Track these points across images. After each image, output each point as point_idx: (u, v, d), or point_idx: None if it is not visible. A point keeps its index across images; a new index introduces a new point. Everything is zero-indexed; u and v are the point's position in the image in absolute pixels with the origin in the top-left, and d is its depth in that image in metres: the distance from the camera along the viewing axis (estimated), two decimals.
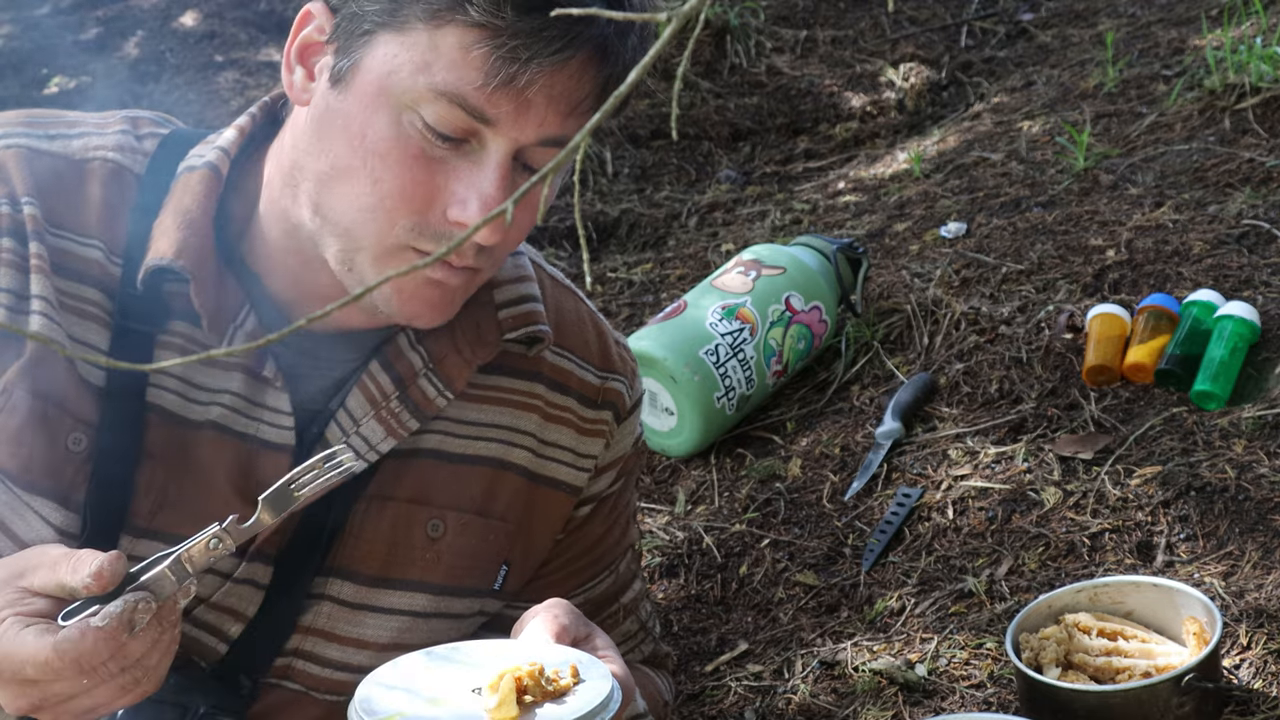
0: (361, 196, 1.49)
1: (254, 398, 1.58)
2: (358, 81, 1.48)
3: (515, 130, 1.46)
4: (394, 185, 1.47)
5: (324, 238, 1.53)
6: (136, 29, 5.80)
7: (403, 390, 1.61)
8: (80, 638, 1.30)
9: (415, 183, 1.47)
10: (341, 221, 1.51)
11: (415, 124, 1.46)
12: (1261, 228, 2.88)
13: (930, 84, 4.32)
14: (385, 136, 1.47)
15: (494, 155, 1.47)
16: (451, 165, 1.48)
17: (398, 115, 1.47)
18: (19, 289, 1.53)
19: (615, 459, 1.78)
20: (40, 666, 1.30)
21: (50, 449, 1.53)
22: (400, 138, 1.47)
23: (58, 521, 1.53)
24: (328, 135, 1.50)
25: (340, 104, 1.49)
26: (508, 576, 1.71)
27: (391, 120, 1.47)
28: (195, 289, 1.54)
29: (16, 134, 1.59)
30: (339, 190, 1.50)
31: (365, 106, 1.48)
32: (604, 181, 4.06)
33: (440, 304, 1.54)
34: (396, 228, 1.49)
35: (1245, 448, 2.38)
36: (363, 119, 1.48)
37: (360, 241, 1.51)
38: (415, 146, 1.47)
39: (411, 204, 1.48)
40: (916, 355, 2.85)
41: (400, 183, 1.47)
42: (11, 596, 1.34)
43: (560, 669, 1.39)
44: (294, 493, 1.38)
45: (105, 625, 1.30)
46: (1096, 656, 1.99)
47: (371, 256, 1.51)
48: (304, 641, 1.63)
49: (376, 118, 1.47)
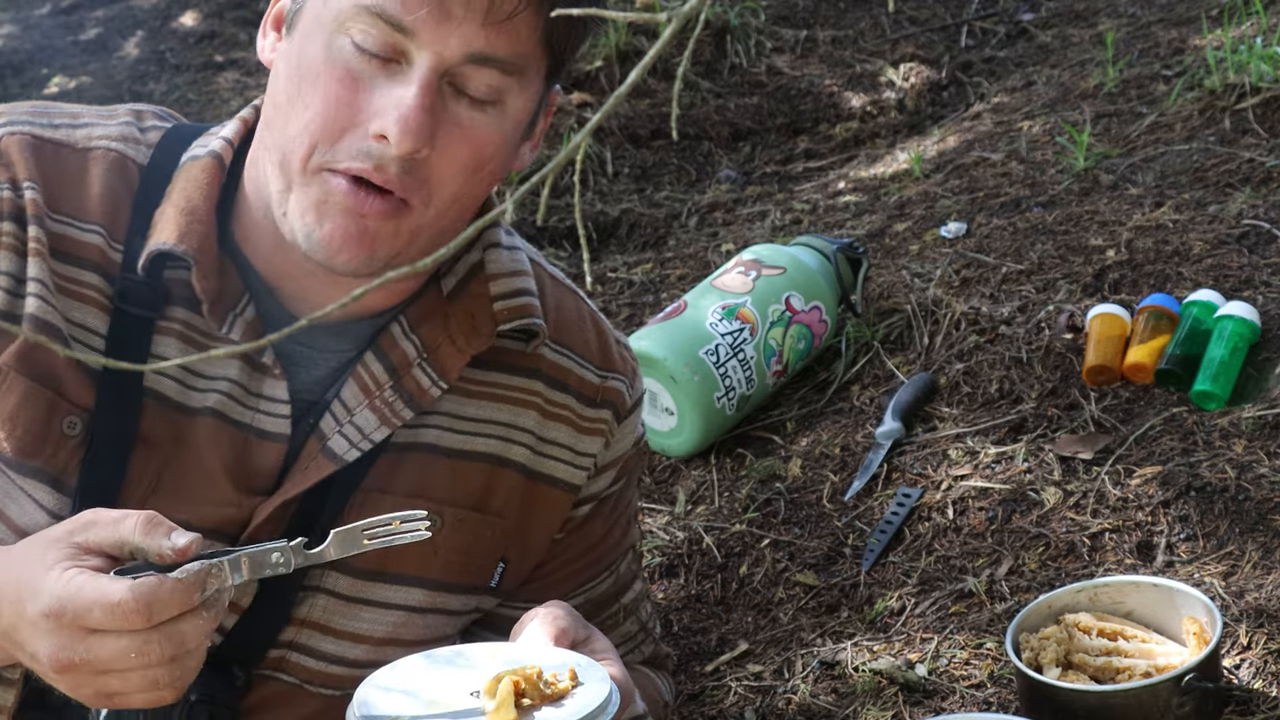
0: (292, 124, 1.51)
1: (252, 386, 1.59)
2: (302, 21, 1.53)
3: (437, 42, 1.47)
4: (319, 106, 1.49)
5: (271, 186, 1.54)
6: (136, 29, 5.81)
7: (396, 380, 1.62)
8: (159, 584, 1.31)
9: (339, 102, 1.49)
10: (277, 156, 1.53)
11: (345, 47, 1.49)
12: (1261, 228, 2.88)
13: (930, 84, 4.32)
14: (317, 60, 1.50)
15: (418, 70, 1.48)
16: (378, 84, 1.49)
17: (330, 39, 1.50)
18: (17, 272, 1.55)
19: (615, 458, 1.77)
20: (110, 608, 1.30)
21: (44, 432, 1.53)
22: (329, 60, 1.50)
23: (50, 504, 1.53)
24: (277, 81, 1.55)
25: (289, 47, 1.54)
26: (504, 573, 1.71)
27: (324, 44, 1.50)
28: (197, 274, 1.55)
29: (21, 121, 1.61)
30: (278, 125, 1.53)
31: (304, 38, 1.52)
32: (604, 181, 4.06)
33: (359, 240, 1.52)
34: (317, 151, 1.50)
35: (1245, 448, 2.38)
36: (299, 50, 1.52)
37: (290, 175, 1.52)
38: (341, 68, 1.49)
39: (335, 123, 1.49)
40: (916, 355, 2.85)
41: (324, 102, 1.49)
42: (68, 551, 1.35)
43: (559, 672, 1.39)
44: (363, 538, 1.41)
45: (184, 578, 1.32)
46: (1096, 656, 1.98)
47: (300, 192, 1.51)
48: (299, 634, 1.63)
49: (311, 45, 1.51)
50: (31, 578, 1.33)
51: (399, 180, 1.50)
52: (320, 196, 1.51)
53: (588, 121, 1.22)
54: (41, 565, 1.33)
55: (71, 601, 1.31)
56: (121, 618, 1.30)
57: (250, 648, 1.61)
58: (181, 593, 1.32)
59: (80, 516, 1.38)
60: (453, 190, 1.54)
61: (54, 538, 1.36)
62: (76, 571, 1.32)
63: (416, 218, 1.53)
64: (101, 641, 1.31)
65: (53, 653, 1.32)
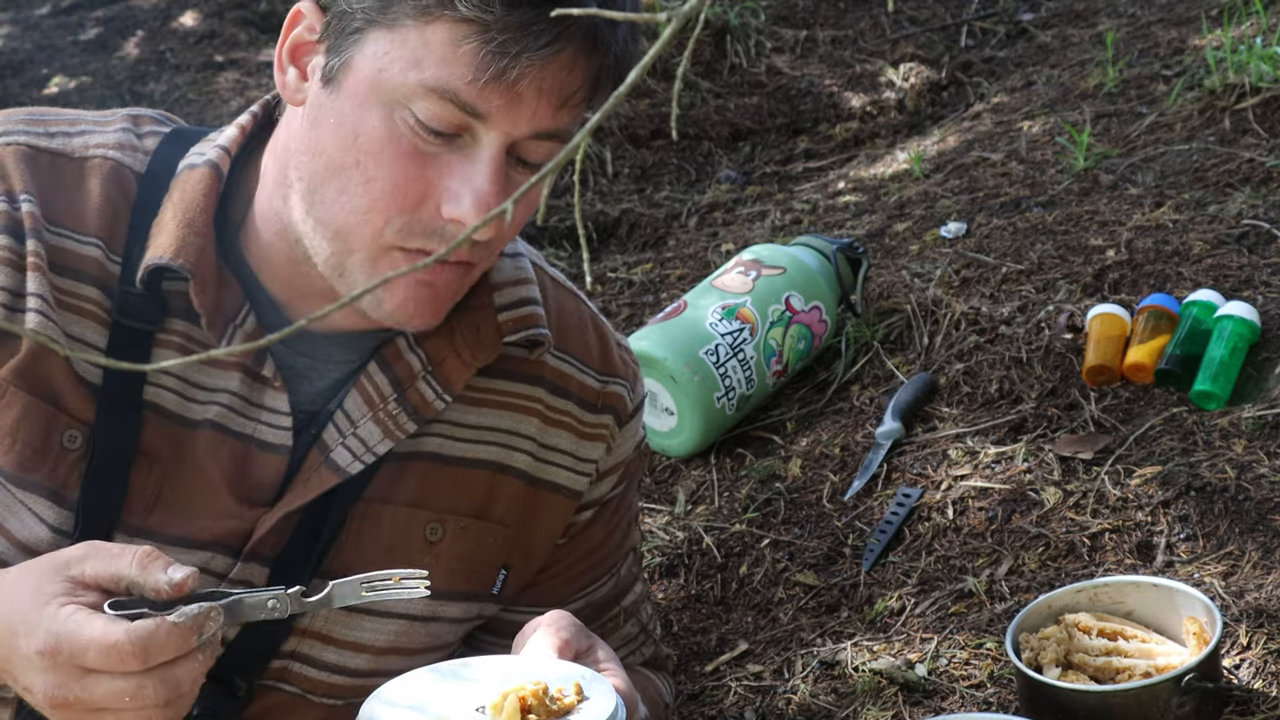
0: (355, 197, 1.48)
1: (253, 398, 1.58)
2: (349, 80, 1.48)
3: (507, 124, 1.46)
4: (387, 183, 1.47)
5: (315, 240, 1.52)
6: (136, 29, 5.80)
7: (400, 392, 1.61)
8: (156, 627, 1.30)
9: (409, 180, 1.47)
10: (334, 223, 1.50)
11: (408, 121, 1.46)
12: (1261, 228, 2.88)
13: (930, 84, 4.32)
14: (378, 134, 1.46)
15: (487, 150, 1.46)
16: (444, 161, 1.47)
17: (390, 113, 1.46)
18: (15, 287, 1.53)
19: (617, 463, 1.77)
20: (106, 650, 1.29)
21: (44, 446, 1.52)
22: (393, 135, 1.46)
23: (51, 519, 1.53)
24: (320, 136, 1.50)
25: (332, 103, 1.49)
26: (506, 580, 1.70)
27: (384, 118, 1.46)
28: (195, 288, 1.53)
29: (16, 131, 1.59)
30: (331, 190, 1.49)
31: (357, 105, 1.47)
32: (604, 181, 4.06)
33: (430, 305, 1.53)
34: (388, 227, 1.48)
35: (1245, 448, 2.38)
36: (355, 118, 1.47)
37: (352, 244, 1.50)
38: (408, 144, 1.46)
39: (405, 201, 1.47)
40: (916, 355, 2.85)
41: (393, 180, 1.47)
42: (64, 585, 1.33)
43: (564, 687, 1.39)
44: (362, 589, 1.41)
45: (181, 622, 1.31)
46: (1096, 656, 1.98)
47: (363, 259, 1.50)
48: (301, 644, 1.62)
49: (369, 116, 1.47)
50: (26, 612, 1.32)
51: (470, 253, 1.52)
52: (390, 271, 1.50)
53: (588, 121, 1.22)
54: (37, 599, 1.32)
55: (68, 641, 1.30)
56: (118, 660, 1.29)
57: (252, 658, 1.61)
58: (178, 636, 1.31)
59: (77, 547, 1.37)
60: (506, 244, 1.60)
61: (49, 568, 1.35)
62: (74, 609, 1.31)
63: (480, 269, 1.57)
64: (97, 681, 1.30)
65: (47, 690, 1.31)
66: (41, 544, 1.53)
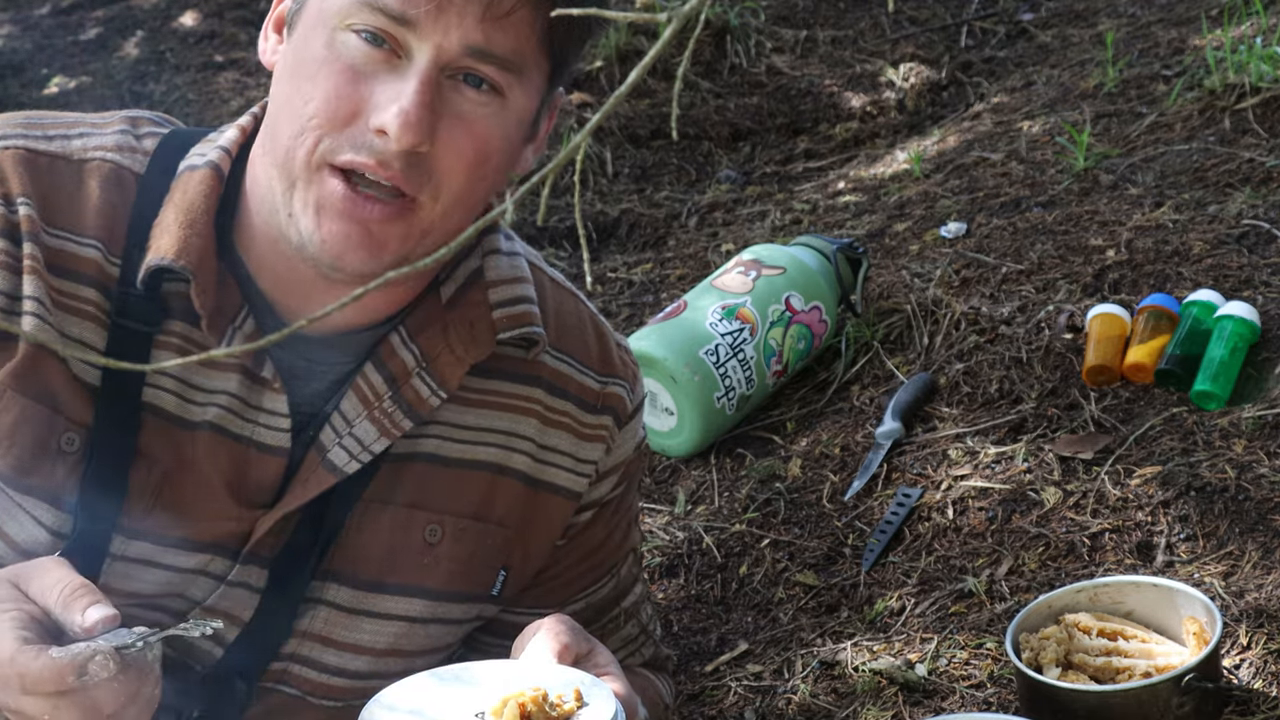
0: (293, 121, 1.50)
1: (251, 399, 1.57)
2: (302, 20, 1.53)
3: (437, 33, 1.47)
4: (320, 101, 1.49)
5: (271, 191, 1.53)
6: (136, 29, 5.80)
7: (395, 390, 1.60)
8: (35, 657, 1.33)
9: (339, 96, 1.49)
10: (278, 155, 1.52)
11: (347, 42, 1.49)
12: (1261, 228, 2.88)
13: (930, 84, 4.32)
14: (317, 57, 1.50)
15: (417, 63, 1.48)
16: (379, 78, 1.49)
17: (331, 36, 1.50)
18: (12, 291, 1.53)
19: (617, 464, 1.76)
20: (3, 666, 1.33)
21: (42, 449, 1.52)
22: (330, 55, 1.49)
23: (49, 522, 1.53)
24: (279, 80, 1.55)
25: (290, 49, 1.54)
26: (506, 582, 1.70)
27: (325, 42, 1.50)
28: (196, 289, 1.53)
29: (14, 135, 1.59)
30: (281, 126, 1.52)
31: (305, 38, 1.52)
32: (604, 181, 4.06)
33: (364, 245, 1.51)
34: (320, 146, 1.49)
35: (1245, 448, 2.38)
36: (302, 50, 1.52)
37: (293, 172, 1.51)
38: (343, 61, 1.49)
39: (336, 117, 1.49)
40: (916, 355, 2.85)
41: (325, 96, 1.49)
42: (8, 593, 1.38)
43: (564, 693, 1.39)
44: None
45: (58, 658, 1.34)
46: (1096, 656, 1.98)
47: (302, 188, 1.50)
48: (300, 646, 1.62)
49: (312, 42, 1.51)
50: None
51: (403, 175, 1.49)
52: (320, 197, 1.49)
53: (588, 121, 1.21)
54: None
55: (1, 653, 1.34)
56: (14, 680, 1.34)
57: (252, 660, 1.61)
58: (51, 671, 1.33)
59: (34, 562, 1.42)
60: (459, 184, 1.52)
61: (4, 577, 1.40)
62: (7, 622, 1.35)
63: (426, 214, 1.52)
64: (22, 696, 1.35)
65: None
66: (40, 547, 1.53)
